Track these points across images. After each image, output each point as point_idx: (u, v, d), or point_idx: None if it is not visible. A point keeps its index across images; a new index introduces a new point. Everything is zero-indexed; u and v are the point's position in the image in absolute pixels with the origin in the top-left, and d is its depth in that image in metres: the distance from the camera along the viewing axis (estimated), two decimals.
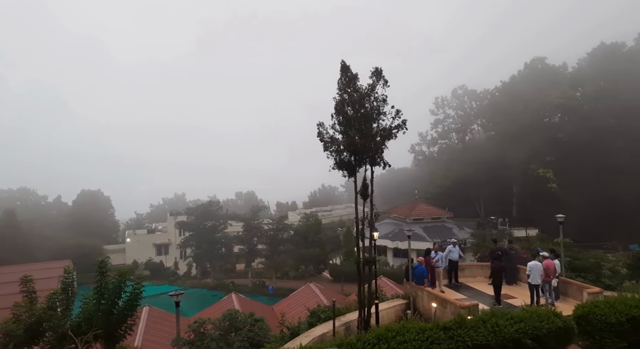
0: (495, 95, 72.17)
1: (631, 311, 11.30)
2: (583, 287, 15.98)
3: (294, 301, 31.02)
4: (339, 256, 56.34)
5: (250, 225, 57.05)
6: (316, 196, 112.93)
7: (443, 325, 10.57)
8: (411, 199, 64.46)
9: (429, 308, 15.41)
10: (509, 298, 16.64)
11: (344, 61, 13.80)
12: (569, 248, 24.92)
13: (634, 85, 57.86)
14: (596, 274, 22.44)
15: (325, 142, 13.97)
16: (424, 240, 44.97)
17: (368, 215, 13.89)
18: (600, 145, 55.73)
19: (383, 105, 13.75)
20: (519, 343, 10.27)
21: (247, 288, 50.75)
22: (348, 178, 14.35)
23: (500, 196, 63.69)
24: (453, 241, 20.80)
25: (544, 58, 69.65)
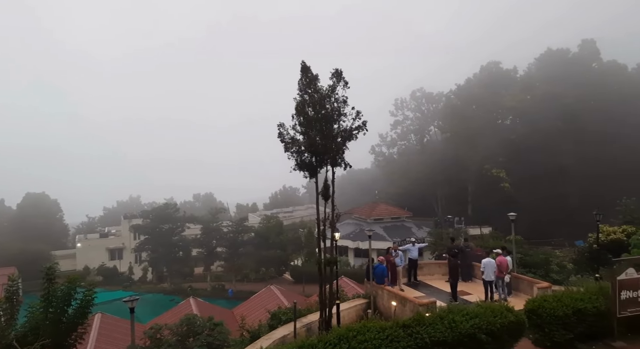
0: (451, 97, 74.43)
1: (577, 304, 11.93)
2: (533, 282, 16.69)
3: (254, 304, 30.67)
4: (301, 258, 56.27)
5: (208, 227, 55.97)
6: (277, 197, 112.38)
7: (402, 323, 10.74)
8: (372, 199, 65.30)
9: (389, 307, 15.64)
10: (465, 295, 17.15)
11: (304, 62, 13.79)
12: (520, 245, 26.04)
13: (578, 89, 61.40)
14: (545, 269, 23.52)
15: (286, 142, 13.90)
16: (384, 240, 45.59)
17: (329, 215, 13.92)
18: (549, 147, 58.65)
19: (344, 106, 13.83)
20: (474, 337, 10.59)
21: (205, 291, 49.75)
22: (309, 179, 14.33)
23: (457, 195, 65.72)
24: (412, 240, 21.24)
25: (498, 63, 72.57)
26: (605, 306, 12.04)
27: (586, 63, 66.44)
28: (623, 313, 12.09)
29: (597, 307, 11.98)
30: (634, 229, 26.79)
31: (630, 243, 19.08)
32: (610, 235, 28.61)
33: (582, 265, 26.09)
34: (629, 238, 23.83)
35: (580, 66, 65.25)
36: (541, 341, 11.99)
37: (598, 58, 66.85)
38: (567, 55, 67.18)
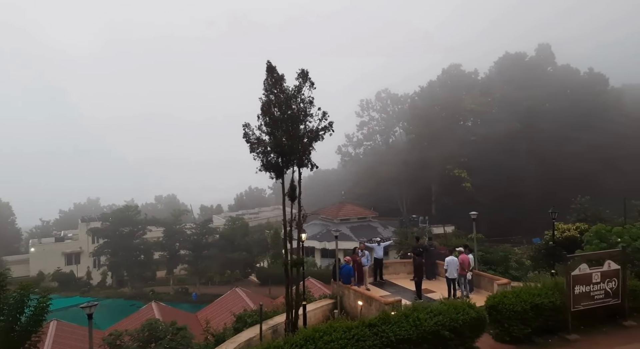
0: (415, 99, 75.90)
1: (534, 299, 12.38)
2: (493, 279, 17.23)
3: (219, 307, 30.20)
4: (267, 259, 55.88)
5: (171, 229, 54.68)
6: (243, 198, 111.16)
7: (368, 322, 10.84)
8: (338, 200, 65.68)
9: (355, 306, 15.74)
10: (429, 292, 17.49)
11: (270, 62, 13.70)
12: (482, 243, 26.78)
13: (534, 92, 64.04)
14: (505, 266, 24.30)
15: (252, 143, 13.77)
16: (350, 240, 45.91)
17: (296, 216, 13.88)
18: (507, 147, 60.78)
19: (310, 106, 13.83)
20: (438, 334, 10.82)
21: (168, 295, 48.61)
22: (275, 180, 14.25)
23: (421, 195, 67.02)
24: (378, 240, 21.47)
25: (459, 65, 74.60)
26: (560, 300, 12.56)
27: (542, 67, 69.39)
28: (577, 307, 12.65)
29: (553, 302, 12.48)
30: (587, 226, 28.07)
31: (583, 240, 20.02)
32: (565, 232, 29.91)
33: (539, 262, 27.11)
34: (582, 235, 24.92)
35: (537, 70, 68.09)
36: (501, 336, 12.36)
37: (553, 62, 69.91)
38: (524, 59, 69.90)
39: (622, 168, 55.85)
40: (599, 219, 31.55)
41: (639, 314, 13.63)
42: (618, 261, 13.27)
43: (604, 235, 16.54)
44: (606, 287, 12.99)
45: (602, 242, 16.26)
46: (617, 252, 13.75)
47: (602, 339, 12.24)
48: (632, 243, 15.14)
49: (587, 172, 55.18)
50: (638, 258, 14.85)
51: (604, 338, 12.31)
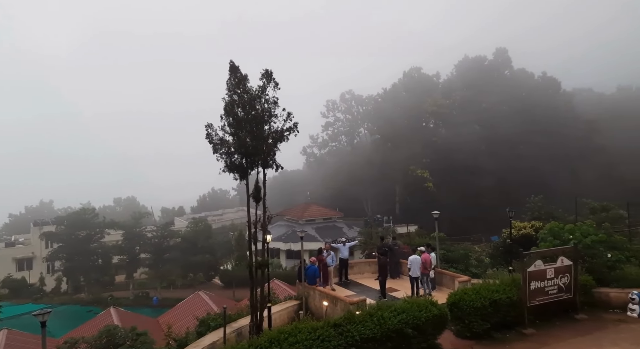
0: (379, 101, 77.00)
1: (493, 295, 12.80)
2: (455, 276, 17.66)
3: (181, 311, 29.51)
4: (231, 262, 55.15)
5: (131, 232, 53.03)
6: (206, 200, 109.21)
7: (333, 322, 10.90)
8: (304, 200, 65.65)
9: (320, 307, 15.74)
10: (393, 291, 17.73)
11: (232, 61, 13.51)
12: (443, 242, 27.41)
13: (492, 94, 66.34)
14: (465, 264, 24.99)
15: (215, 143, 13.54)
16: (316, 241, 45.95)
17: (261, 217, 13.73)
18: (467, 148, 62.66)
19: (274, 107, 13.72)
20: (402, 332, 10.99)
21: (128, 300, 47.13)
22: (240, 181, 14.05)
23: (385, 195, 68.05)
24: (343, 240, 21.59)
25: (419, 68, 76.24)
26: (517, 296, 13.04)
27: (500, 71, 71.97)
28: (532, 302, 13.18)
29: (510, 297, 12.94)
30: (541, 224, 29.28)
31: (538, 237, 20.84)
32: (522, 230, 31.07)
33: (497, 259, 28.05)
34: (537, 232, 25.97)
35: (494, 73, 70.58)
36: (462, 332, 12.69)
37: (510, 66, 72.63)
38: (483, 63, 72.24)
39: (572, 168, 58.76)
40: (553, 217, 32.99)
41: (589, 308, 14.35)
42: (570, 257, 13.91)
43: (557, 233, 17.24)
44: (559, 282, 13.60)
45: (555, 239, 16.93)
46: (569, 249, 14.41)
47: (556, 333, 12.79)
48: (583, 239, 15.87)
49: (541, 172, 57.66)
50: (589, 254, 15.59)
51: (558, 331, 12.88)
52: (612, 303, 14.56)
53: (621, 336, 12.38)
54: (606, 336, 12.43)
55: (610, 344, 11.82)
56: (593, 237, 16.05)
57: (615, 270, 15.54)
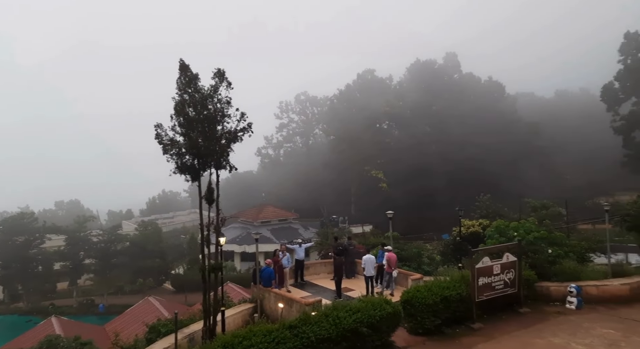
0: (334, 102, 77.63)
1: (444, 292, 13.19)
2: (408, 275, 18.05)
3: (130, 318, 28.39)
4: (183, 265, 53.70)
5: (75, 237, 50.39)
6: (155, 202, 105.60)
7: (289, 324, 10.84)
8: (259, 202, 65.00)
9: (276, 309, 15.61)
10: (349, 291, 17.87)
11: (183, 60, 13.15)
12: (397, 241, 27.97)
13: (442, 97, 68.62)
14: (417, 262, 25.54)
15: (165, 144, 13.12)
16: (271, 242, 45.62)
17: (214, 220, 13.43)
18: (419, 149, 64.45)
19: (227, 107, 13.48)
20: (357, 331, 11.10)
21: (72, 309, 44.88)
22: (191, 183, 13.71)
23: (341, 196, 68.65)
24: (298, 241, 21.53)
25: (373, 70, 77.55)
26: (466, 292, 13.51)
27: (449, 75, 74.52)
28: (481, 298, 13.70)
29: (460, 293, 13.38)
30: (488, 222, 30.57)
31: (485, 235, 21.69)
32: (470, 228, 32.31)
33: (448, 256, 28.91)
34: (484, 230, 27.08)
35: (444, 77, 73.02)
36: (414, 329, 12.99)
37: (459, 70, 75.32)
38: (433, 66, 74.52)
39: (516, 169, 61.80)
40: (499, 215, 34.56)
41: (532, 301, 15.12)
42: (515, 253, 14.59)
43: (502, 230, 18.05)
44: (505, 278, 14.22)
45: (501, 236, 17.72)
46: (514, 245, 15.11)
47: (502, 326, 13.37)
48: (526, 236, 16.71)
49: (488, 172, 60.16)
50: (531, 250, 16.42)
51: (503, 325, 13.47)
52: (552, 296, 15.40)
53: (560, 327, 13.12)
54: (547, 327, 13.13)
55: (550, 335, 12.49)
56: (535, 234, 16.93)
57: (555, 264, 16.45)
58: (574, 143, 68.48)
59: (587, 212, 44.65)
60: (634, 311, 14.17)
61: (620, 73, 49.41)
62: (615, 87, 50.22)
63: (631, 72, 48.32)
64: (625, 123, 49.58)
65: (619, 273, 16.68)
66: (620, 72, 49.43)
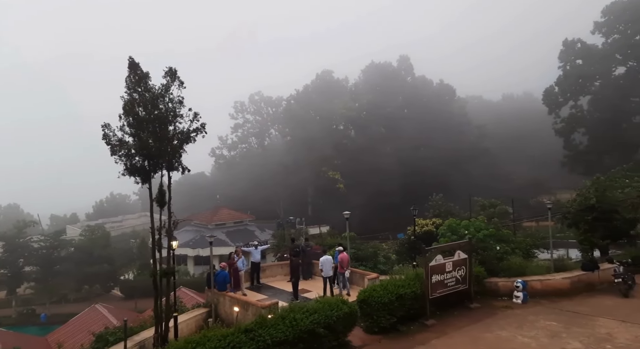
0: (291, 102, 77.46)
1: (399, 290, 13.42)
2: (364, 274, 18.27)
3: (75, 327, 26.96)
4: (133, 271, 51.74)
5: (13, 243, 47.25)
6: (103, 206, 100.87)
7: (244, 328, 10.69)
8: (213, 204, 63.71)
9: (231, 313, 15.33)
10: (306, 292, 17.85)
11: (132, 58, 12.66)
12: (354, 241, 28.25)
13: (396, 99, 70.24)
14: (374, 261, 25.95)
15: (113, 145, 12.61)
16: (226, 245, 44.87)
17: (166, 223, 13.01)
18: (374, 150, 65.54)
19: (180, 107, 13.14)
20: (314, 333, 11.08)
21: (10, 319, 42.07)
22: (142, 185, 13.22)
23: (298, 197, 68.54)
24: (254, 244, 21.26)
25: (331, 72, 78.09)
26: (420, 289, 13.81)
27: (402, 77, 76.31)
28: (434, 295, 14.05)
29: (414, 291, 13.66)
30: (441, 221, 31.50)
31: (438, 233, 22.33)
32: (424, 227, 33.18)
33: (403, 255, 29.54)
34: (437, 229, 27.87)
35: (398, 79, 74.72)
36: (370, 328, 13.13)
37: (412, 73, 77.27)
38: (388, 69, 76.03)
39: (466, 169, 64.23)
40: (451, 214, 35.69)
41: (482, 296, 15.69)
42: (466, 250, 15.09)
43: (454, 228, 18.65)
44: (457, 275, 14.67)
45: (453, 234, 18.31)
46: (464, 243, 15.63)
47: (454, 322, 13.78)
48: (476, 234, 17.35)
49: (440, 173, 62.15)
50: (481, 247, 17.08)
51: (455, 321, 13.89)
52: (500, 291, 16.06)
53: (507, 321, 13.70)
54: (495, 322, 13.67)
55: (498, 329, 13.01)
56: (484, 232, 17.61)
57: (503, 261, 17.19)
58: (519, 145, 72.21)
59: (532, 210, 47.14)
60: (573, 303, 15.03)
61: (560, 79, 52.45)
62: (556, 91, 53.25)
63: (570, 77, 51.43)
64: (565, 126, 52.67)
65: (560, 267, 17.69)
66: (560, 77, 52.48)
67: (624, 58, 49.06)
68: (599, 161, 48.47)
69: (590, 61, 50.29)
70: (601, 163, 46.84)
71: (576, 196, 22.43)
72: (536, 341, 12.06)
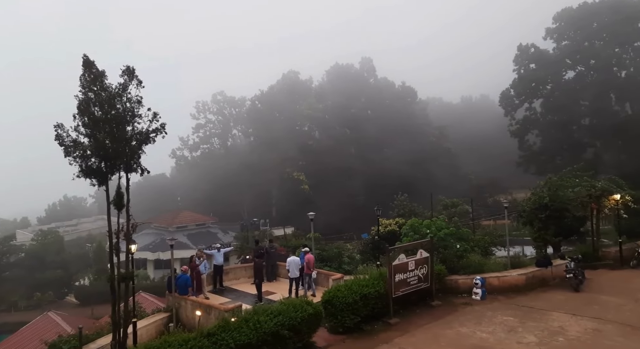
0: (255, 103, 76.79)
1: (363, 290, 13.55)
2: (329, 275, 18.31)
3: (26, 336, 25.64)
4: (89, 276, 49.81)
5: None
6: (56, 209, 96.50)
7: (207, 332, 10.54)
8: (174, 206, 62.26)
9: (193, 317, 15.01)
10: (270, 294, 17.69)
11: (87, 55, 12.19)
12: (318, 242, 28.28)
13: (360, 100, 70.99)
14: (338, 262, 26.02)
15: (67, 146, 12.10)
16: (188, 248, 43.88)
17: (124, 226, 12.58)
18: (339, 151, 66.02)
19: (138, 106, 12.75)
20: (278, 335, 11.03)
21: None
22: (98, 187, 12.74)
23: (262, 198, 68.03)
24: (217, 246, 20.91)
25: (297, 73, 77.98)
26: (384, 289, 14.00)
27: (365, 79, 77.24)
28: (397, 293, 14.27)
29: (378, 290, 13.84)
30: (404, 221, 31.99)
31: (401, 233, 22.64)
32: (388, 227, 33.57)
33: (367, 255, 29.76)
34: (400, 228, 28.29)
35: (361, 80, 75.58)
36: (335, 328, 13.20)
37: (374, 74, 78.31)
38: (351, 70, 76.75)
39: (428, 169, 65.76)
40: (414, 214, 36.29)
41: (443, 294, 16.08)
42: (427, 249, 15.42)
43: (417, 228, 18.97)
44: (419, 273, 14.97)
45: (415, 234, 18.61)
46: (426, 242, 15.96)
47: (416, 320, 14.06)
48: (437, 233, 17.73)
49: (403, 173, 63.27)
50: (442, 246, 17.47)
51: (417, 319, 14.17)
52: (460, 289, 16.51)
53: (467, 317, 14.10)
54: (456, 318, 14.04)
55: (458, 326, 13.37)
56: (445, 230, 18.02)
57: (462, 258, 17.67)
58: (477, 145, 74.61)
59: (490, 209, 48.79)
60: (528, 298, 15.66)
61: (515, 82, 54.53)
62: (511, 94, 55.33)
63: (524, 81, 53.57)
64: (519, 128, 54.78)
65: (516, 264, 18.39)
66: (515, 80, 54.57)
67: (573, 63, 51.56)
68: (551, 161, 50.65)
69: (542, 65, 52.53)
70: (553, 163, 48.96)
71: (531, 196, 23.33)
72: (494, 336, 12.48)
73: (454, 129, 74.06)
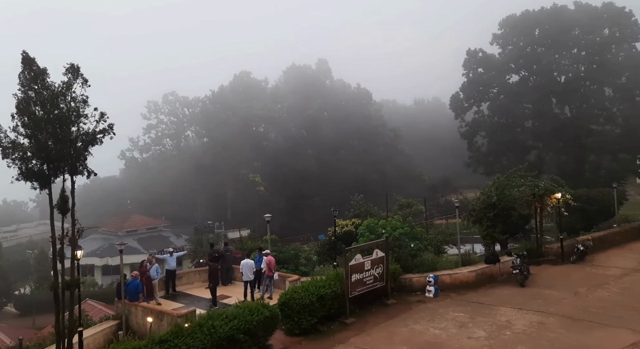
0: (207, 103, 75.20)
1: (320, 291, 13.60)
2: (285, 277, 18.24)
3: None
4: (30, 285, 47.01)
5: None
6: None
7: (159, 339, 10.27)
8: (124, 210, 59.88)
9: (144, 324, 14.49)
10: (225, 298, 17.40)
11: (26, 52, 11.52)
12: (275, 243, 28.09)
13: (316, 102, 71.24)
14: (295, 263, 25.97)
15: (4, 147, 11.40)
16: (139, 253, 42.41)
17: (69, 231, 11.95)
18: (295, 152, 65.82)
19: (84, 106, 12.19)
20: (233, 339, 10.86)
21: None
22: (40, 191, 12.06)
23: (216, 200, 66.71)
24: (169, 250, 20.32)
25: (249, 73, 77.05)
26: (340, 289, 14.12)
27: (322, 80, 77.61)
28: (353, 293, 14.43)
29: (335, 291, 13.93)
30: (360, 221, 32.36)
31: (358, 233, 22.88)
32: (344, 227, 33.82)
33: (324, 256, 29.86)
34: (357, 228, 28.59)
35: (317, 82, 75.87)
36: (291, 330, 13.16)
37: (330, 76, 78.81)
38: (308, 71, 76.83)
39: (383, 169, 67.02)
40: (370, 214, 36.76)
41: (398, 292, 16.42)
42: (383, 249, 15.69)
43: (372, 228, 19.28)
44: (375, 273, 15.20)
45: (371, 234, 18.90)
46: (382, 242, 16.24)
47: (372, 319, 14.27)
48: (392, 233, 18.10)
49: (359, 174, 64.11)
50: (397, 245, 17.85)
51: (373, 317, 14.39)
52: (415, 287, 16.92)
53: (421, 314, 14.49)
54: (410, 316, 14.38)
55: (412, 323, 13.70)
56: (400, 230, 18.43)
57: (416, 257, 18.13)
58: (430, 146, 76.87)
59: (442, 208, 50.35)
60: (478, 294, 16.29)
61: (465, 85, 56.65)
62: (461, 97, 57.42)
63: (472, 84, 55.76)
64: (469, 129, 56.90)
65: (467, 261, 19.09)
66: (464, 84, 56.68)
67: (517, 67, 54.21)
68: (498, 162, 52.99)
69: (489, 69, 54.89)
70: (500, 164, 51.24)
71: (480, 195, 24.26)
72: (446, 332, 12.88)
73: (407, 131, 75.87)
